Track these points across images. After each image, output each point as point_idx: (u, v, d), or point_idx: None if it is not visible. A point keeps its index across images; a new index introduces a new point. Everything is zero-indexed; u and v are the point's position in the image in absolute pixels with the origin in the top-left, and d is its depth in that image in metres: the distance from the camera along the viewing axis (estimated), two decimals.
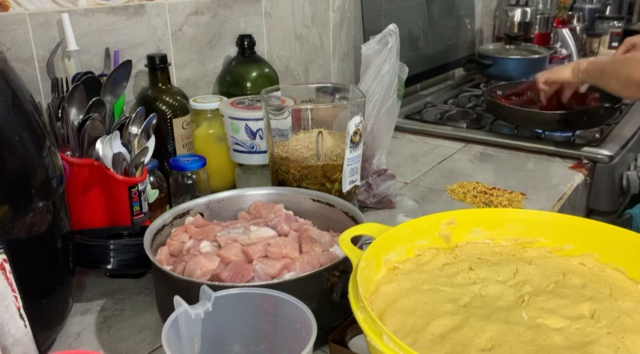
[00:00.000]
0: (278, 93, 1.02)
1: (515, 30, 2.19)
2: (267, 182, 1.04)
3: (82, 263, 0.77)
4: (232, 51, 1.24)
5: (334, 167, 0.93)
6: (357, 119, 0.91)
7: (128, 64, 0.92)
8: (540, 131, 1.43)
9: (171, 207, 0.99)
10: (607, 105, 1.40)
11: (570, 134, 1.40)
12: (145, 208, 0.88)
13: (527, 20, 2.20)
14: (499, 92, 1.57)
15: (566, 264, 0.65)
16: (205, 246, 0.75)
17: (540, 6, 2.37)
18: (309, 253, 0.72)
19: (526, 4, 2.28)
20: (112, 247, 0.78)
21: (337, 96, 1.03)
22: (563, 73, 1.36)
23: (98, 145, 0.82)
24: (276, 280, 0.68)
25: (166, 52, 1.12)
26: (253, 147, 1.05)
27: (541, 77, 1.41)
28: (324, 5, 1.49)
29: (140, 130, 0.86)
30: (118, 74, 0.91)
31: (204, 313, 0.56)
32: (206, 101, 1.11)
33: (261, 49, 1.33)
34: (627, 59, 1.29)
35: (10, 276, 0.58)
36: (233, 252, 0.72)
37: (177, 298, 0.55)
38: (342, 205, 0.84)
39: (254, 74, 1.20)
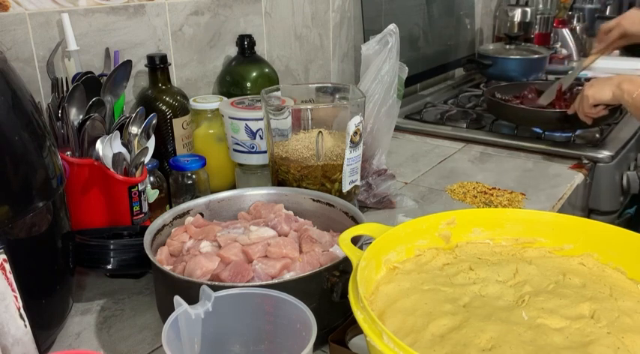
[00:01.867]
0: (278, 93, 1.02)
1: (515, 30, 2.19)
2: (267, 182, 1.04)
3: (82, 263, 0.77)
4: (232, 51, 1.24)
5: (334, 167, 0.93)
6: (357, 119, 0.91)
7: (128, 64, 0.92)
8: (540, 131, 1.43)
9: (171, 207, 0.99)
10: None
11: (570, 134, 1.40)
12: (145, 208, 0.88)
13: (527, 20, 2.20)
14: (499, 95, 1.57)
15: (566, 264, 0.65)
16: (205, 246, 0.75)
17: (540, 6, 2.37)
18: (309, 253, 0.72)
19: (526, 4, 2.28)
20: (112, 247, 0.78)
21: (337, 96, 1.03)
22: (603, 93, 1.21)
23: (98, 145, 0.82)
24: (276, 280, 0.68)
25: (166, 52, 1.12)
26: (253, 147, 1.05)
27: (586, 104, 1.25)
28: (324, 5, 1.49)
29: (140, 130, 0.86)
30: (118, 74, 0.91)
31: (204, 313, 0.56)
32: (206, 101, 1.11)
33: (261, 49, 1.33)
34: None
35: (10, 276, 0.58)
36: (233, 252, 0.72)
37: (177, 298, 0.55)
38: (342, 205, 0.84)
39: (254, 74, 1.20)
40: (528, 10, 2.21)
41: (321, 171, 0.93)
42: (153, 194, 0.95)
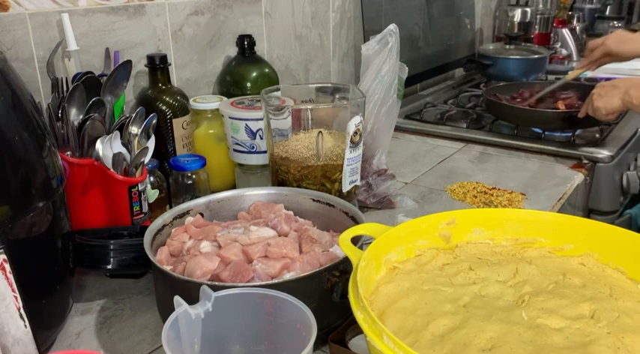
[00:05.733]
0: (278, 93, 1.02)
1: (515, 30, 2.19)
2: (267, 182, 1.04)
3: (82, 263, 0.77)
4: (232, 51, 1.24)
5: (334, 167, 0.93)
6: (357, 119, 0.91)
7: (128, 64, 0.92)
8: (540, 131, 1.43)
9: (171, 207, 0.99)
10: None
11: (570, 134, 1.40)
12: (145, 208, 0.88)
13: (527, 20, 2.20)
14: (500, 95, 1.57)
15: (566, 264, 0.65)
16: (205, 246, 0.75)
17: (540, 6, 2.38)
18: (309, 253, 0.72)
19: (526, 4, 2.29)
20: (112, 247, 0.78)
21: (337, 96, 1.03)
22: (612, 103, 1.25)
23: (98, 145, 0.82)
24: (276, 280, 0.68)
25: (166, 52, 1.12)
26: (253, 147, 1.05)
27: (599, 115, 1.28)
28: (324, 5, 1.49)
29: (140, 130, 0.86)
30: (118, 74, 0.91)
31: (204, 313, 0.56)
32: (206, 101, 1.11)
33: (261, 49, 1.33)
34: None
35: (10, 276, 0.58)
36: (233, 252, 0.72)
37: (177, 298, 0.55)
38: (342, 205, 0.84)
39: (254, 74, 1.20)
40: (528, 10, 2.21)
41: (321, 171, 0.93)
42: (153, 194, 0.95)
